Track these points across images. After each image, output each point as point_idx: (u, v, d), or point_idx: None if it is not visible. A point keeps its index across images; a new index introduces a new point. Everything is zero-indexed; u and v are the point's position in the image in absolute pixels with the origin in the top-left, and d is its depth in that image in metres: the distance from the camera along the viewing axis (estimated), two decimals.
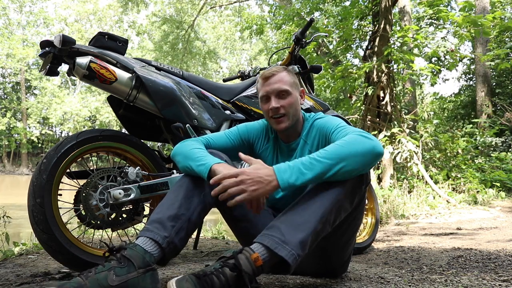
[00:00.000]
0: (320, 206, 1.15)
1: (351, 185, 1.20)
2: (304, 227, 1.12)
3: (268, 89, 1.42)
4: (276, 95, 1.41)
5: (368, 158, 1.15)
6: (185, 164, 1.30)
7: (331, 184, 1.17)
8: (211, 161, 1.24)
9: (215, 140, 1.47)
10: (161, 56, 18.34)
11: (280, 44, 10.40)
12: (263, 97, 1.44)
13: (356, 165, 1.14)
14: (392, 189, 5.29)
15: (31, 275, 1.59)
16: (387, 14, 6.03)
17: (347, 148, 1.14)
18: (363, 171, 1.19)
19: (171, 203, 1.24)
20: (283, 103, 1.40)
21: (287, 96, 1.41)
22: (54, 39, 1.60)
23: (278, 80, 1.42)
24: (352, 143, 1.15)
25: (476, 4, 9.25)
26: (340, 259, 1.41)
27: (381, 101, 6.20)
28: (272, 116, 1.41)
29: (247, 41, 24.22)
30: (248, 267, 1.06)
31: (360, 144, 1.14)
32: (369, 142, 1.15)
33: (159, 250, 1.15)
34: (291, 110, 1.41)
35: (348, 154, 1.13)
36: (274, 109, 1.40)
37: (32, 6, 29.75)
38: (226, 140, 1.49)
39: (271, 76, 1.42)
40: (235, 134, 1.52)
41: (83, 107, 27.48)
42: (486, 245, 2.49)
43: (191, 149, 1.33)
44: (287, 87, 1.41)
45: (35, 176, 1.48)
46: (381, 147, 1.17)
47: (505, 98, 11.29)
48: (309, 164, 1.13)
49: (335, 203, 1.17)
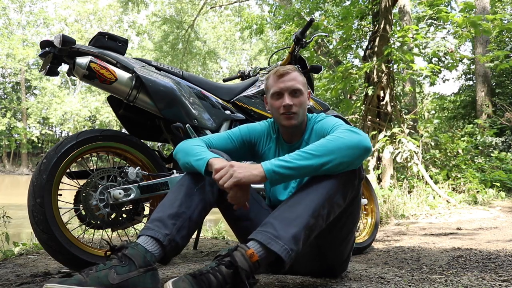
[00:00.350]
0: (312, 201, 1.17)
1: (343, 179, 1.21)
2: (296, 222, 1.13)
3: (283, 86, 1.43)
4: (290, 92, 1.42)
5: (355, 152, 1.16)
6: (185, 160, 1.32)
7: (322, 179, 1.19)
8: (209, 155, 1.26)
9: (216, 141, 1.48)
10: (161, 56, 18.36)
11: (280, 44, 10.40)
12: (276, 93, 1.45)
13: (343, 158, 1.16)
14: (392, 189, 5.29)
15: (31, 275, 1.59)
16: (387, 14, 6.04)
17: (334, 142, 1.17)
18: (352, 166, 1.20)
19: (172, 202, 1.26)
20: (296, 102, 1.42)
21: (300, 95, 1.43)
22: (54, 39, 1.60)
23: (292, 79, 1.43)
24: (340, 137, 1.18)
25: (476, 4, 9.25)
26: (338, 257, 1.42)
27: (381, 101, 6.20)
28: (283, 112, 1.42)
29: (247, 41, 24.23)
30: (244, 263, 1.06)
31: (347, 138, 1.17)
32: (356, 136, 1.17)
33: (160, 249, 1.16)
34: (301, 110, 1.44)
35: (335, 148, 1.15)
36: (287, 106, 1.41)
37: (32, 6, 29.79)
38: (228, 141, 1.50)
39: (286, 73, 1.44)
40: (237, 135, 1.53)
41: (83, 107, 27.49)
42: (486, 245, 2.49)
43: (191, 146, 1.35)
44: (301, 87, 1.44)
45: (35, 176, 1.48)
46: (368, 141, 1.19)
47: (505, 98, 11.29)
48: (295, 155, 1.16)
49: (327, 197, 1.18)
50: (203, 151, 1.30)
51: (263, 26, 10.39)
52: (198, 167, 1.25)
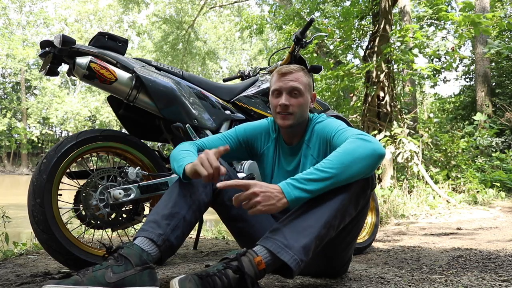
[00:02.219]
0: (325, 211, 1.15)
1: (356, 189, 1.19)
2: (307, 232, 1.12)
3: (282, 84, 1.42)
4: (288, 92, 1.41)
5: (371, 161, 1.14)
6: (172, 166, 1.34)
7: (336, 189, 1.16)
8: (187, 160, 1.26)
9: (210, 143, 1.47)
10: (161, 56, 18.35)
11: (280, 44, 10.40)
12: (275, 91, 1.44)
13: (360, 170, 1.13)
14: (392, 189, 5.29)
15: (31, 275, 1.58)
16: (387, 14, 6.03)
17: (349, 155, 1.13)
18: (367, 175, 1.19)
19: (166, 203, 1.26)
20: (293, 102, 1.40)
21: (299, 96, 1.41)
22: (54, 39, 1.60)
23: (293, 78, 1.42)
24: (354, 149, 1.14)
25: (476, 4, 9.24)
26: (341, 261, 1.42)
27: (381, 101, 6.20)
28: (279, 111, 1.42)
29: (247, 40, 24.22)
30: (250, 270, 1.06)
31: (361, 149, 1.14)
32: (370, 145, 1.15)
33: (156, 249, 1.16)
34: (299, 111, 1.41)
35: (352, 161, 1.12)
36: (283, 105, 1.40)
37: (32, 6, 29.78)
38: (221, 142, 1.49)
39: (288, 73, 1.42)
40: (232, 136, 1.52)
41: (83, 107, 27.49)
42: (486, 245, 2.49)
43: (178, 151, 1.36)
44: (301, 87, 1.41)
45: (35, 176, 1.48)
46: (382, 148, 1.17)
47: (505, 98, 11.29)
48: (314, 175, 1.12)
49: (340, 208, 1.16)
50: (185, 156, 1.30)
51: (263, 26, 10.39)
52: (178, 174, 1.27)
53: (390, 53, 5.68)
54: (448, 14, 6.07)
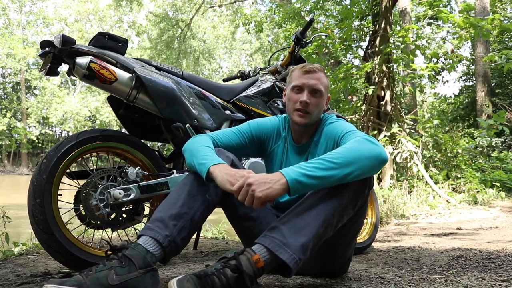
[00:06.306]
0: (323, 210, 1.15)
1: (355, 189, 1.20)
2: (306, 230, 1.12)
3: (306, 82, 1.41)
4: (311, 91, 1.41)
5: (375, 163, 1.15)
6: (190, 160, 1.31)
7: (334, 188, 1.16)
8: (211, 161, 1.23)
9: (225, 137, 1.46)
10: (155, 54, 18.21)
11: (279, 43, 10.40)
12: (296, 87, 1.43)
13: (363, 169, 1.14)
14: (392, 189, 5.29)
15: (31, 275, 1.59)
16: (387, 14, 6.03)
17: (355, 152, 1.14)
18: (368, 176, 1.20)
19: (174, 201, 1.24)
20: (313, 101, 1.41)
21: (319, 96, 1.42)
22: (54, 39, 1.60)
23: (317, 78, 1.42)
24: (361, 147, 1.15)
25: (476, 5, 9.25)
26: (341, 261, 1.42)
27: (381, 101, 6.20)
28: (299, 108, 1.41)
29: (247, 40, 24.18)
30: (249, 268, 1.05)
31: (368, 149, 1.15)
32: (375, 148, 1.16)
33: (161, 250, 1.15)
34: (316, 111, 1.42)
35: (356, 158, 1.13)
36: (304, 102, 1.39)
37: (32, 6, 29.79)
38: (236, 137, 1.48)
39: (312, 71, 1.42)
40: (247, 131, 1.51)
41: (83, 107, 27.49)
42: (486, 245, 2.49)
43: (198, 146, 1.32)
44: (322, 88, 1.42)
45: (35, 176, 1.48)
46: (386, 153, 1.18)
47: (505, 98, 11.30)
48: (318, 164, 1.11)
49: (338, 207, 1.17)
50: (207, 155, 1.27)
51: (262, 23, 10.36)
52: (200, 172, 1.24)
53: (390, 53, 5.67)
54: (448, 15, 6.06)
